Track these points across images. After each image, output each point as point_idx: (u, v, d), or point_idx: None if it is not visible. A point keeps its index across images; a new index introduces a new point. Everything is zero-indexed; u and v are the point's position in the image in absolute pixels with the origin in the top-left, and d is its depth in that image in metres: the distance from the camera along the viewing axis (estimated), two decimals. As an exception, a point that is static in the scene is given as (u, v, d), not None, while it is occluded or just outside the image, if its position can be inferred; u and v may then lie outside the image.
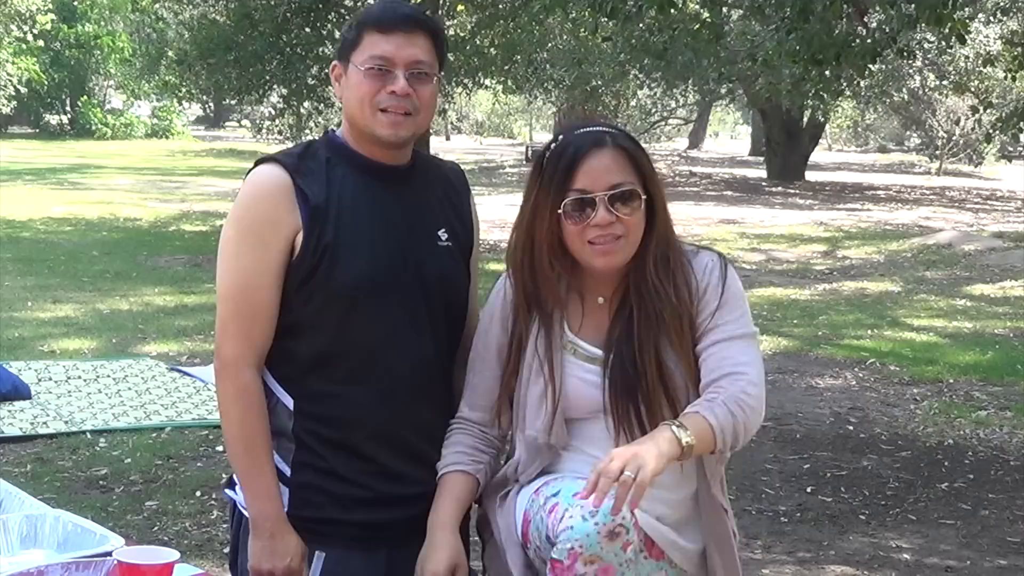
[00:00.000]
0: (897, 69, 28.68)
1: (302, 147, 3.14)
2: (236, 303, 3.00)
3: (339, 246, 2.96)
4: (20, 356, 9.25)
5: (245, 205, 3.02)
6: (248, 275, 2.99)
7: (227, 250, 3.02)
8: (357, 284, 2.96)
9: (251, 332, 2.99)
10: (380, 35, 2.98)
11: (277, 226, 2.96)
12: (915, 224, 22.19)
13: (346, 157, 3.07)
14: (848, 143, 64.06)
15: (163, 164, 34.10)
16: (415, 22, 3.02)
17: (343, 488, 3.03)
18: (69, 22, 45.67)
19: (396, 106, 2.97)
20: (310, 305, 2.99)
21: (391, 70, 2.96)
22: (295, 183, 2.97)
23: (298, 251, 2.96)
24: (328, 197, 2.99)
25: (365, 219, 3.02)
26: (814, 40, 9.43)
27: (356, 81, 3.00)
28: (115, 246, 15.86)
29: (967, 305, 13.16)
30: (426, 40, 3.02)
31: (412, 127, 3.02)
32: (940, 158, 41.13)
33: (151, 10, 23.36)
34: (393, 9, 3.08)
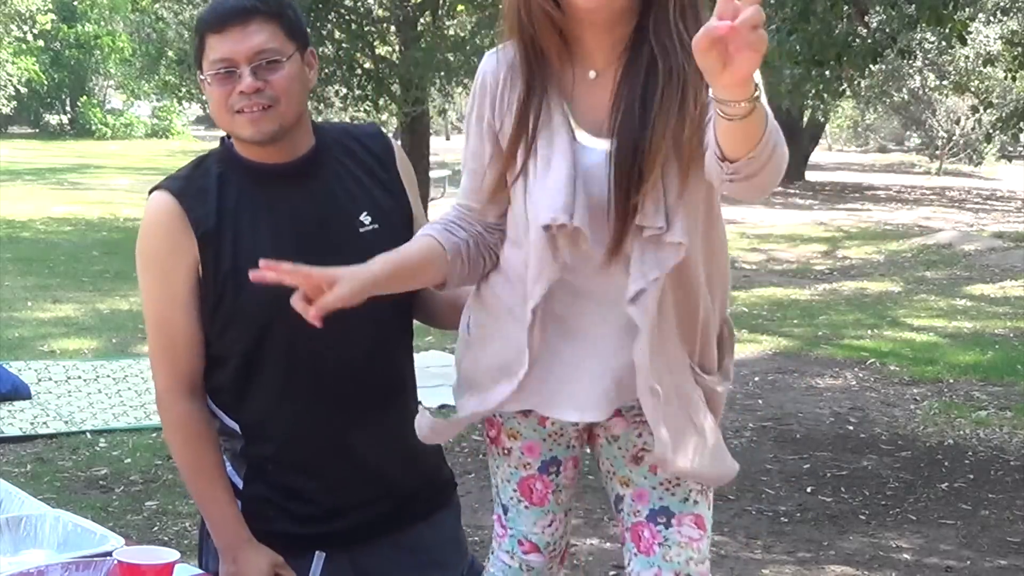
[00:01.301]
0: (897, 69, 28.70)
1: (192, 166, 2.97)
2: (155, 335, 2.93)
3: (240, 271, 2.72)
4: (20, 356, 9.26)
5: (142, 239, 2.91)
6: (159, 307, 2.90)
7: (141, 285, 2.94)
8: (269, 306, 2.74)
9: (175, 362, 2.90)
10: (216, 36, 2.79)
11: (175, 254, 2.84)
12: (915, 224, 22.20)
13: (238, 167, 2.91)
14: (848, 143, 64.03)
15: (163, 164, 34.02)
16: (247, 10, 2.79)
17: (294, 504, 2.96)
18: (69, 22, 45.69)
19: (249, 104, 2.78)
20: (225, 336, 2.88)
21: (234, 69, 2.78)
22: (183, 208, 2.83)
23: (201, 280, 2.85)
24: (220, 220, 2.84)
25: (267, 234, 2.85)
26: (815, 40, 9.43)
27: (209, 90, 2.84)
28: (115, 246, 15.87)
29: (967, 305, 13.17)
30: (267, 23, 2.80)
31: (276, 119, 2.81)
32: (940, 158, 41.13)
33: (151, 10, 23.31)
34: (221, 4, 2.85)
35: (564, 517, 2.76)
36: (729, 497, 6.46)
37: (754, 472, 7.00)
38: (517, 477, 2.73)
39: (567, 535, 2.80)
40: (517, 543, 2.75)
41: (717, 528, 4.60)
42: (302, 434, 2.94)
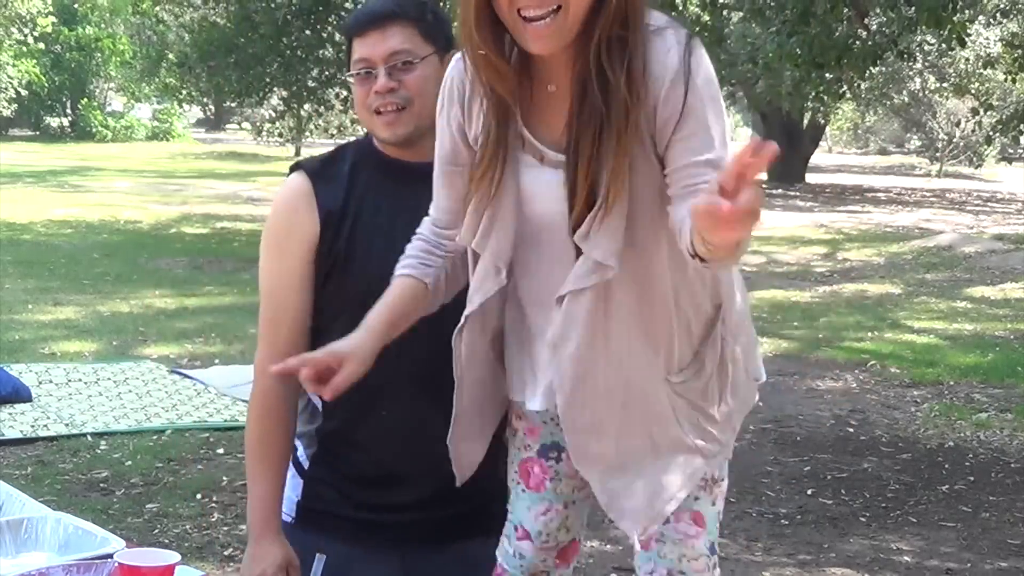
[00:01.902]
0: (897, 71, 28.75)
1: (331, 152, 3.14)
2: (264, 308, 3.05)
3: (352, 250, 2.96)
4: (21, 359, 9.25)
5: (271, 214, 3.08)
6: (270, 281, 3.03)
7: (260, 256, 3.08)
8: (368, 287, 2.85)
9: (276, 337, 3.01)
10: (359, 40, 2.96)
11: (295, 234, 2.98)
12: (915, 226, 22.21)
13: (372, 160, 3.05)
14: (848, 145, 64.08)
15: (164, 167, 34.11)
16: (385, 16, 2.95)
17: (355, 490, 3.03)
18: (70, 25, 45.69)
19: (384, 104, 2.91)
20: (328, 309, 3.00)
21: (372, 70, 2.92)
22: (314, 188, 2.99)
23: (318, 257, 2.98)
24: (345, 202, 2.99)
25: (383, 223, 2.99)
26: (815, 43, 9.46)
27: (354, 90, 3.01)
28: (116, 248, 15.87)
29: (967, 307, 13.17)
30: (404, 27, 2.93)
31: (410, 121, 2.93)
32: (940, 160, 41.18)
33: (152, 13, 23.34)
34: (364, 10, 3.05)
35: (564, 509, 2.74)
36: (730, 499, 6.42)
37: (754, 474, 7.00)
38: (518, 459, 2.76)
39: (571, 531, 2.77)
40: (513, 528, 2.76)
41: (717, 530, 4.59)
42: (381, 418, 3.01)
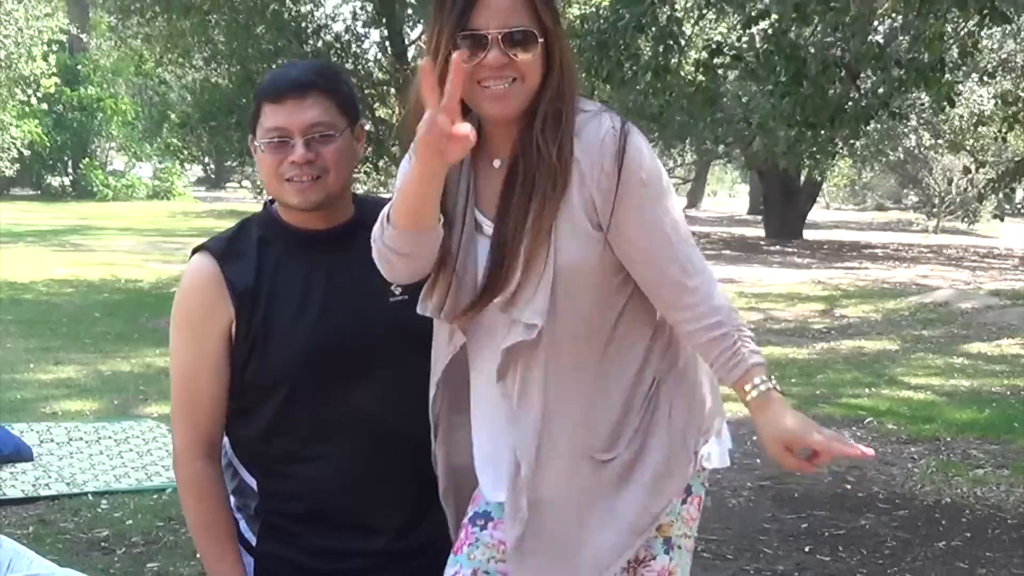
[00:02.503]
0: (892, 128, 28.90)
1: (235, 229, 3.11)
2: (180, 394, 3.04)
3: (272, 327, 2.95)
4: (22, 418, 9.28)
5: (179, 298, 3.06)
6: (186, 367, 3.02)
7: (171, 343, 3.06)
8: (294, 362, 2.94)
9: (197, 421, 3.01)
10: (274, 105, 2.94)
11: (209, 317, 2.97)
12: (913, 282, 22.26)
13: (279, 232, 3.05)
14: (846, 201, 64.27)
15: (164, 225, 34.19)
16: (305, 84, 2.96)
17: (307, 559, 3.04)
18: (72, 85, 45.93)
19: (299, 174, 2.92)
20: (254, 389, 2.99)
21: (288, 139, 2.92)
22: (223, 270, 2.98)
23: (234, 339, 2.97)
24: (258, 280, 2.97)
25: (299, 295, 2.98)
26: (807, 103, 9.55)
27: (261, 155, 2.98)
28: (117, 307, 15.92)
29: (964, 363, 13.20)
30: (323, 99, 2.96)
31: (323, 189, 2.96)
32: (937, 216, 41.28)
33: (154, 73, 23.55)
34: (282, 76, 3.03)
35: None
36: (727, 556, 6.50)
37: (752, 532, 7.03)
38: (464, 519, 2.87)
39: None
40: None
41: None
42: (320, 491, 3.02)
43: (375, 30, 20.25)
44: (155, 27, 20.46)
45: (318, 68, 3.12)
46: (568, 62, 2.70)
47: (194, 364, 3.00)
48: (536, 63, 2.62)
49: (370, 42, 20.69)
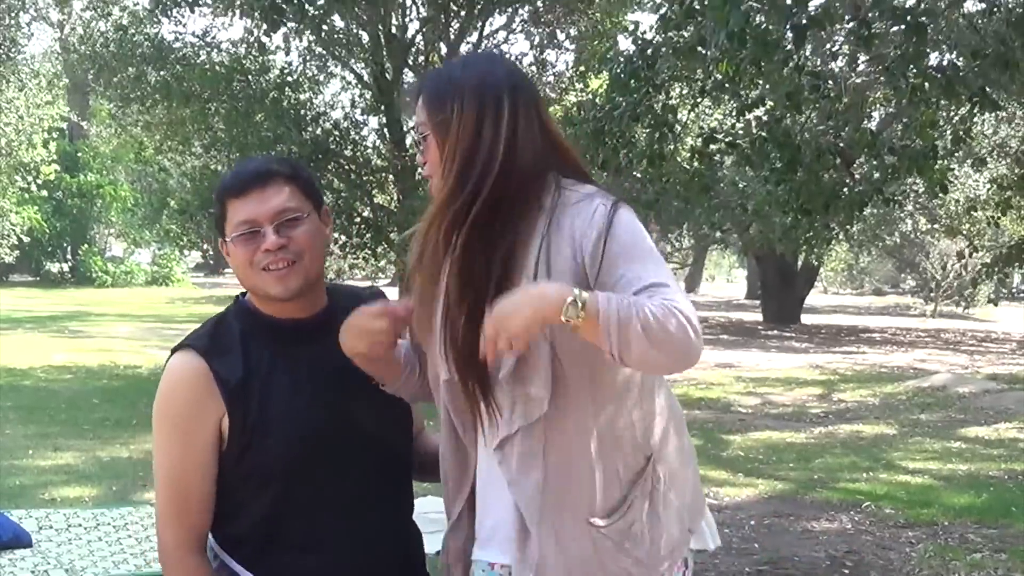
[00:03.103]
0: (888, 213, 29.07)
1: (212, 324, 3.11)
2: (168, 492, 3.02)
3: (266, 422, 2.94)
4: (21, 504, 9.27)
5: (165, 397, 3.02)
6: (175, 466, 2.99)
7: (156, 442, 3.03)
8: (290, 451, 2.94)
9: (186, 519, 3.00)
10: (238, 200, 2.96)
11: (200, 415, 2.95)
12: (910, 367, 22.31)
13: (259, 325, 3.05)
14: (843, 285, 64.43)
15: (163, 311, 34.27)
16: (265, 175, 2.99)
17: None
18: (72, 172, 46.21)
19: (274, 261, 2.94)
20: (248, 486, 2.99)
21: (258, 229, 2.94)
22: (211, 367, 2.97)
23: (226, 434, 2.96)
24: (247, 374, 2.97)
25: (287, 385, 2.99)
26: (803, 190, 9.63)
27: (233, 251, 2.99)
28: (115, 394, 15.93)
29: (962, 447, 13.21)
30: (284, 186, 2.98)
31: (301, 274, 2.98)
32: (935, 300, 41.38)
33: (154, 160, 23.70)
34: (241, 170, 3.06)
35: None
36: (724, 641, 6.50)
37: (749, 616, 7.04)
38: None
39: None
40: None
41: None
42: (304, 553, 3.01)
43: (374, 117, 20.41)
44: (155, 115, 20.61)
45: (275, 159, 3.17)
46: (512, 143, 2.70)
47: (183, 462, 2.99)
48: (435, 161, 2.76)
49: (369, 129, 20.83)
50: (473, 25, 19.13)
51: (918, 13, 8.29)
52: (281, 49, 19.29)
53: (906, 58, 8.50)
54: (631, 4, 19.69)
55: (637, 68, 10.11)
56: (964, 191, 26.95)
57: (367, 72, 19.81)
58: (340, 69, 21.21)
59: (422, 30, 19.31)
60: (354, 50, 19.46)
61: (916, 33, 8.05)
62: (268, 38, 16.76)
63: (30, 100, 36.16)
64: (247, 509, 3.01)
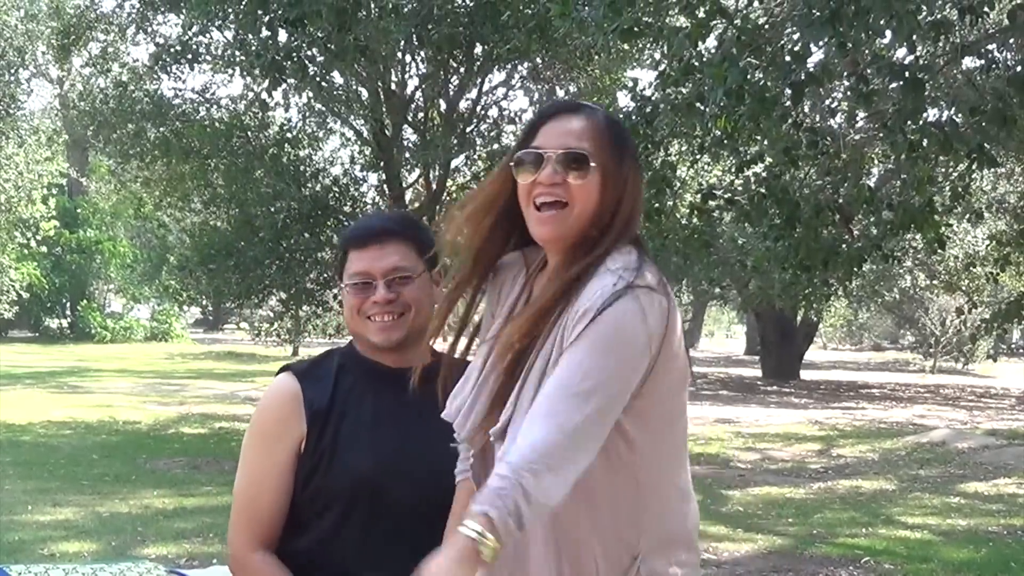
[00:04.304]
0: (887, 269, 29.12)
1: (320, 356, 3.34)
2: (243, 502, 3.21)
3: (336, 447, 3.12)
4: (20, 559, 9.26)
5: (258, 412, 3.26)
6: (253, 477, 3.20)
7: (243, 453, 3.24)
8: (353, 483, 3.08)
9: (257, 528, 3.17)
10: (358, 252, 3.20)
11: (283, 433, 3.16)
12: (909, 422, 22.31)
13: (357, 363, 3.25)
14: (843, 341, 64.45)
15: (162, 367, 34.27)
16: (386, 233, 3.21)
17: None
18: (71, 228, 46.33)
19: (380, 313, 3.15)
20: (312, 505, 3.14)
21: (371, 282, 3.16)
22: (302, 390, 3.17)
23: (302, 454, 3.14)
24: (331, 401, 3.16)
25: (367, 422, 3.15)
26: (801, 246, 9.67)
27: (346, 297, 3.22)
28: (114, 449, 15.91)
29: (961, 503, 13.20)
30: (402, 245, 3.18)
31: (404, 327, 3.17)
32: (934, 356, 41.39)
33: (153, 216, 23.77)
34: (365, 226, 3.31)
35: None
36: None
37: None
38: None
39: None
40: None
41: None
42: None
43: (373, 173, 20.50)
44: (154, 171, 20.70)
45: (398, 217, 3.45)
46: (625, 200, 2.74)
47: (262, 472, 3.18)
48: (588, 190, 2.68)
49: (368, 185, 20.90)
50: (472, 81, 19.23)
51: (916, 69, 8.35)
52: (280, 105, 19.39)
53: (904, 114, 8.56)
54: (630, 61, 19.78)
55: (636, 124, 10.17)
56: (963, 247, 27.01)
57: (366, 128, 19.90)
58: (339, 125, 21.31)
59: (421, 86, 19.40)
60: (353, 106, 19.55)
61: (914, 89, 8.11)
62: (269, 96, 16.86)
63: (29, 156, 36.31)
64: (305, 531, 3.16)
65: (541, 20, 13.93)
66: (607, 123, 2.77)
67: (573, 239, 2.71)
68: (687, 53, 8.55)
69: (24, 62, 33.32)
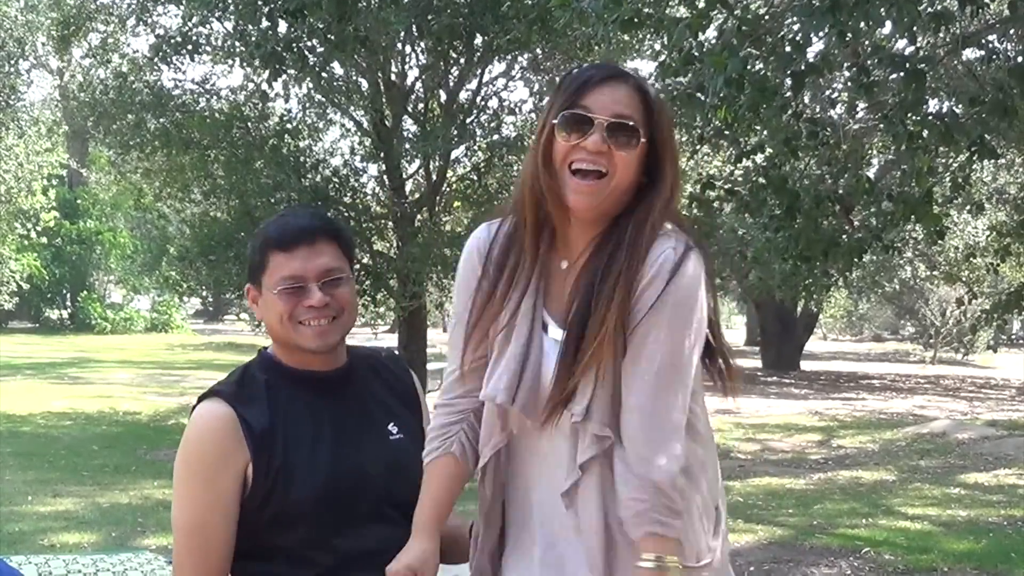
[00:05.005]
0: (887, 260, 29.07)
1: (239, 374, 3.16)
2: (190, 540, 3.05)
3: (291, 467, 2.99)
4: (20, 550, 9.26)
5: (192, 445, 3.06)
6: (199, 512, 3.03)
7: (179, 490, 3.08)
8: (316, 495, 2.99)
9: (206, 567, 3.03)
10: (284, 254, 3.04)
11: (226, 462, 3.00)
12: (909, 413, 22.31)
13: (284, 376, 3.12)
14: (843, 332, 64.41)
15: (162, 358, 34.27)
16: (315, 232, 3.07)
17: None
18: (71, 219, 46.30)
19: (316, 317, 3.03)
20: (272, 530, 3.03)
21: (303, 285, 3.02)
22: (238, 414, 3.02)
23: (250, 480, 3.00)
24: (273, 422, 3.02)
25: (311, 433, 3.05)
26: (801, 237, 9.65)
27: (272, 302, 3.07)
28: (115, 440, 15.93)
29: (961, 493, 13.20)
30: (330, 245, 3.08)
31: (340, 330, 3.09)
32: (934, 347, 41.37)
33: (153, 207, 23.71)
34: (289, 224, 3.11)
35: None
36: None
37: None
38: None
39: None
40: None
41: None
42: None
43: (373, 164, 20.44)
44: (154, 162, 20.64)
45: (321, 215, 3.25)
46: (674, 179, 2.73)
47: (208, 508, 3.02)
48: (632, 163, 2.65)
49: (368, 176, 20.84)
50: (472, 72, 19.17)
51: (917, 60, 8.34)
52: (280, 96, 19.34)
53: (905, 105, 8.55)
54: (630, 52, 19.74)
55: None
56: (963, 238, 26.99)
57: (366, 119, 19.85)
58: (339, 116, 21.25)
59: (421, 77, 19.35)
60: (353, 97, 19.50)
61: (915, 80, 8.09)
62: (269, 87, 16.82)
63: (29, 147, 36.27)
64: (269, 553, 3.05)
65: (541, 11, 13.90)
66: (655, 95, 2.74)
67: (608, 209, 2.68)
68: (687, 43, 8.54)
69: (24, 53, 33.26)
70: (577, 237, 2.73)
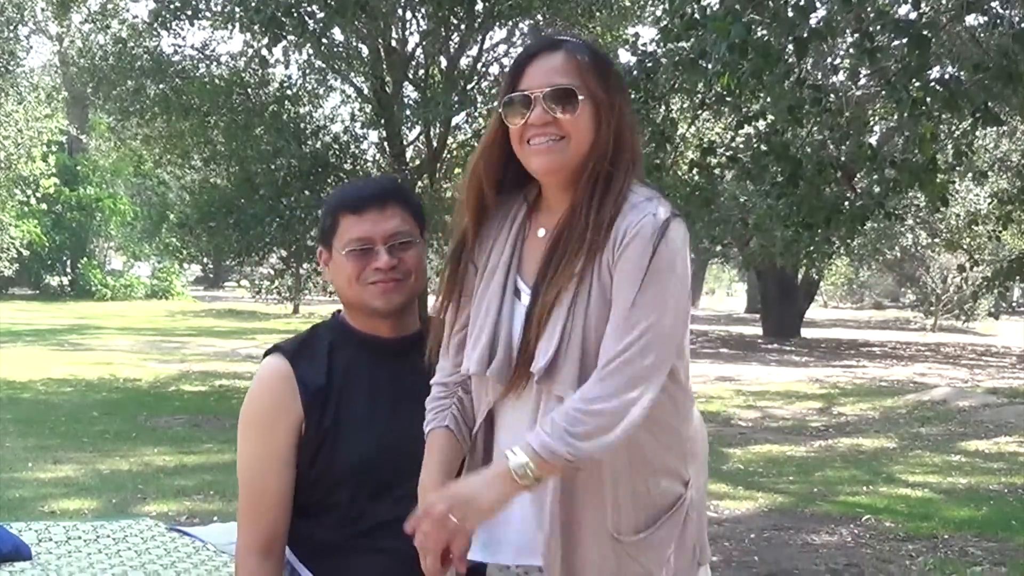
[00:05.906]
0: (889, 227, 29.06)
1: (306, 333, 3.25)
2: (245, 490, 3.14)
3: (340, 427, 3.05)
4: (20, 517, 9.24)
5: (250, 398, 3.16)
6: (253, 464, 3.12)
7: (239, 442, 3.16)
8: (361, 460, 3.03)
9: (260, 518, 3.10)
10: (354, 216, 3.09)
11: (279, 416, 3.07)
12: (910, 380, 22.32)
13: (349, 338, 3.18)
14: (843, 300, 64.47)
15: (163, 325, 34.28)
16: (385, 196, 3.12)
17: None
18: (71, 185, 46.25)
19: (384, 278, 3.07)
20: (320, 486, 3.08)
21: (371, 247, 3.07)
22: (295, 371, 3.09)
23: (303, 436, 3.07)
24: (328, 382, 3.09)
25: (365, 398, 3.09)
26: (803, 204, 9.61)
27: (341, 264, 3.12)
28: (115, 406, 15.92)
29: (962, 461, 13.20)
30: (400, 209, 3.12)
31: (405, 292, 3.11)
32: (935, 314, 41.38)
33: (153, 174, 23.71)
34: (361, 187, 3.21)
35: None
36: (725, 654, 6.48)
37: (750, 629, 7.02)
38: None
39: None
40: None
41: None
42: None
43: (373, 131, 20.40)
44: (154, 128, 20.63)
45: (392, 181, 3.34)
46: (623, 130, 2.73)
47: (261, 461, 3.10)
48: (581, 123, 2.67)
49: (368, 143, 20.80)
50: (473, 38, 19.12)
51: (920, 26, 8.29)
52: (281, 62, 19.29)
53: (908, 71, 8.50)
54: (632, 17, 19.70)
55: (636, 79, 10.12)
56: (965, 205, 26.97)
57: (367, 85, 19.81)
58: (340, 82, 21.22)
59: (422, 43, 19.30)
60: (354, 63, 19.46)
61: (918, 46, 8.04)
62: (269, 52, 16.77)
63: (29, 113, 36.23)
64: (316, 512, 3.10)
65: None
66: (591, 54, 2.74)
67: (576, 170, 2.69)
68: (690, 8, 8.49)
69: (23, 18, 33.17)
70: (556, 205, 2.76)
